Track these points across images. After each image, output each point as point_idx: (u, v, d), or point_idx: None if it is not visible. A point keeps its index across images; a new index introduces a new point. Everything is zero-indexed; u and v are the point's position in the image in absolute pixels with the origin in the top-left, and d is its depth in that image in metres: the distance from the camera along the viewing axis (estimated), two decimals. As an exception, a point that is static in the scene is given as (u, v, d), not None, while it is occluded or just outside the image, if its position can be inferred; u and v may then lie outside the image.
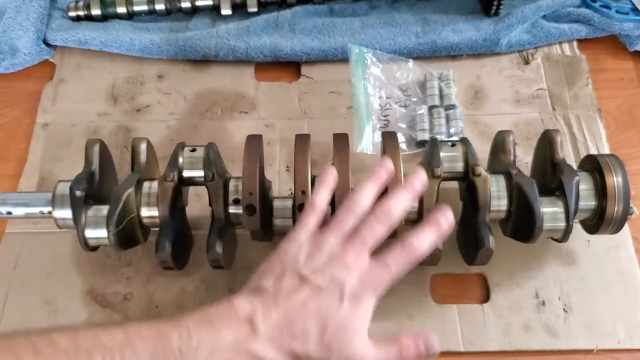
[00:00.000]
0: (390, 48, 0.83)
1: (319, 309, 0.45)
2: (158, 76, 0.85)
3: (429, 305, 0.66)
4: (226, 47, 0.83)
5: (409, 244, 0.49)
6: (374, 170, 0.52)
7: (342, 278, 0.46)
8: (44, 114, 0.81)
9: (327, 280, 0.46)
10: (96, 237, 0.60)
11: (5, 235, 0.71)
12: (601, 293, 0.66)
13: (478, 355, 0.63)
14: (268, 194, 0.64)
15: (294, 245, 0.49)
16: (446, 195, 0.70)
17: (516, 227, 0.61)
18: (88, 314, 0.66)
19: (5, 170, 0.77)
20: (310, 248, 0.49)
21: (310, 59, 0.84)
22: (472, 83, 0.83)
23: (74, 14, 0.88)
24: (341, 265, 0.47)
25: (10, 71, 0.85)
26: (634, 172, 0.73)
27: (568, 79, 0.82)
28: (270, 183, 0.66)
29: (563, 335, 0.64)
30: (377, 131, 0.77)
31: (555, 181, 0.61)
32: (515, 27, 0.84)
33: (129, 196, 0.60)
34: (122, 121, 0.81)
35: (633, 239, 0.69)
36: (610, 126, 0.79)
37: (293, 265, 0.47)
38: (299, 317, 0.45)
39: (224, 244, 0.61)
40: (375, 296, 0.48)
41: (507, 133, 0.64)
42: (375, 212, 0.50)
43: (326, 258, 0.48)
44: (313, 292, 0.46)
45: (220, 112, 0.81)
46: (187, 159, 0.63)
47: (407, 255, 0.49)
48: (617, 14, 0.83)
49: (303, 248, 0.49)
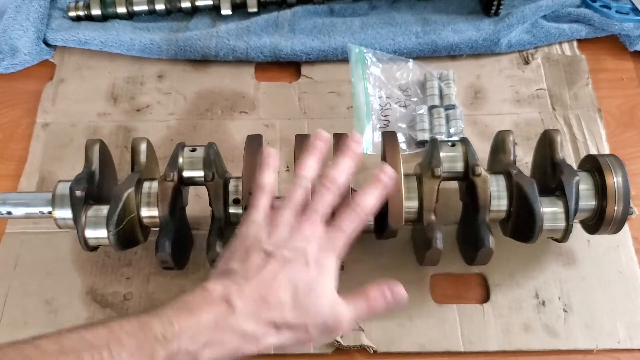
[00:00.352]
0: (390, 48, 0.83)
1: (288, 278, 0.48)
2: (158, 76, 0.85)
3: (429, 305, 0.66)
4: (226, 47, 0.83)
5: (356, 204, 0.52)
6: (312, 143, 0.55)
7: (304, 247, 0.50)
8: (44, 114, 0.81)
9: (291, 251, 0.49)
10: (96, 237, 0.60)
11: (5, 235, 0.71)
12: (601, 293, 0.66)
13: (478, 355, 0.63)
14: (268, 194, 0.64)
15: (253, 227, 0.51)
16: (446, 195, 0.70)
17: (516, 227, 0.61)
18: (88, 314, 0.66)
19: (5, 170, 0.77)
20: (269, 226, 0.51)
21: (310, 59, 0.84)
22: (472, 83, 0.83)
23: (74, 14, 0.88)
24: (300, 236, 0.50)
25: (10, 71, 0.85)
26: (634, 172, 0.73)
27: (568, 79, 0.82)
28: (270, 183, 0.66)
29: (563, 335, 0.64)
30: (377, 131, 0.77)
31: (555, 181, 0.61)
32: (515, 27, 0.84)
33: (129, 196, 0.60)
34: (122, 121, 0.81)
35: (633, 239, 0.69)
36: (610, 126, 0.79)
37: (256, 244, 0.50)
38: (272, 289, 0.48)
39: (224, 244, 0.61)
40: (335, 257, 0.51)
41: (507, 133, 0.64)
42: (322, 182, 0.53)
43: (286, 232, 0.51)
44: (280, 264, 0.49)
45: (220, 112, 0.81)
46: (187, 159, 0.63)
47: (357, 214, 0.52)
48: (617, 14, 0.83)
49: (262, 227, 0.51)
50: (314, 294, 0.48)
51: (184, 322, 0.44)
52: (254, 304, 0.47)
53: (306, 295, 0.48)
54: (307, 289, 0.48)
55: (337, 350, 0.63)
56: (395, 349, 0.63)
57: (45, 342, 0.40)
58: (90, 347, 0.41)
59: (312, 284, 0.49)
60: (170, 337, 0.43)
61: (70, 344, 0.41)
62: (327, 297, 0.49)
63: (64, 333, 0.42)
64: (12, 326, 0.65)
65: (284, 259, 0.49)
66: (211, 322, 0.45)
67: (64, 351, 0.40)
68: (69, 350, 0.40)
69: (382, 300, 0.51)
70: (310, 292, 0.48)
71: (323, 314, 0.49)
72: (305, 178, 0.53)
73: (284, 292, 0.48)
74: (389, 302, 0.51)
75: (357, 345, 0.63)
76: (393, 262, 0.68)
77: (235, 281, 0.48)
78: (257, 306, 0.47)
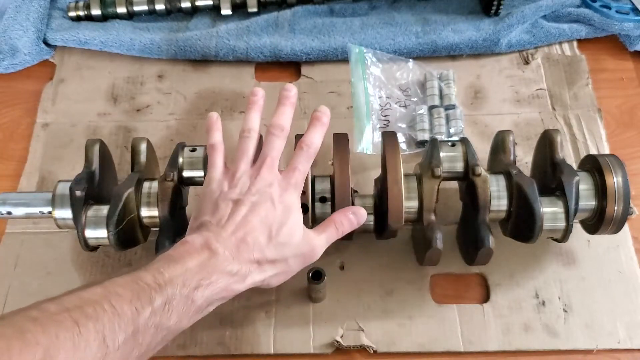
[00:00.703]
0: (390, 48, 0.83)
1: (260, 219, 0.52)
2: (158, 76, 0.85)
3: (429, 305, 0.66)
4: (226, 47, 0.83)
5: (304, 144, 0.58)
6: (250, 100, 0.61)
7: (267, 189, 0.54)
8: (44, 114, 0.81)
9: (255, 195, 0.54)
10: (96, 237, 0.60)
11: (5, 235, 0.71)
12: (601, 293, 0.66)
13: (478, 355, 0.63)
14: (268, 194, 0.64)
15: (214, 183, 0.56)
16: (446, 195, 0.70)
17: (516, 227, 0.61)
18: (88, 314, 0.66)
19: (5, 170, 0.77)
20: (229, 179, 0.56)
21: (310, 59, 0.84)
22: (472, 83, 0.83)
23: (74, 14, 0.88)
24: (261, 181, 0.55)
25: (10, 71, 0.85)
26: (634, 172, 0.73)
27: (568, 79, 0.82)
28: (270, 183, 0.66)
29: (563, 335, 0.63)
30: (377, 131, 0.77)
31: (555, 181, 0.61)
32: (515, 27, 0.84)
33: (129, 196, 0.60)
34: (122, 121, 0.81)
35: (633, 239, 0.69)
36: (610, 126, 0.79)
37: (222, 196, 0.54)
38: (247, 231, 0.52)
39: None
40: (297, 194, 0.56)
41: (507, 133, 0.64)
42: (269, 130, 0.58)
43: (246, 180, 0.55)
44: (249, 208, 0.53)
45: (220, 112, 0.81)
46: (187, 159, 0.63)
47: (306, 152, 0.58)
48: (617, 14, 0.83)
49: (223, 182, 0.56)
50: (286, 229, 0.53)
51: (173, 271, 0.47)
52: (233, 246, 0.50)
53: (279, 231, 0.53)
54: (279, 225, 0.53)
55: (337, 350, 0.63)
56: (395, 349, 0.63)
57: (47, 305, 0.42)
58: (91, 303, 0.43)
59: (283, 221, 0.53)
60: (163, 284, 0.46)
61: (71, 303, 0.42)
62: (298, 230, 0.54)
63: (62, 296, 0.43)
64: (12, 326, 0.65)
65: (251, 203, 0.53)
66: (197, 267, 0.48)
67: (67, 309, 0.41)
68: (72, 307, 0.42)
69: (348, 223, 0.58)
70: (282, 227, 0.53)
71: (298, 245, 0.54)
72: (251, 130, 0.59)
73: (259, 232, 0.52)
74: (353, 224, 0.58)
75: (357, 345, 0.63)
76: (393, 262, 0.68)
77: (211, 230, 0.52)
78: (237, 248, 0.51)
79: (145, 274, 0.46)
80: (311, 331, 0.64)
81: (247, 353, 0.63)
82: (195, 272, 0.48)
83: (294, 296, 0.66)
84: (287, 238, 0.53)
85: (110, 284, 0.45)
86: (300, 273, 0.57)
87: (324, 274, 0.60)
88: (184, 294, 0.46)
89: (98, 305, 0.42)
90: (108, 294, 0.44)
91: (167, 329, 0.46)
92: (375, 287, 0.67)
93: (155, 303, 0.45)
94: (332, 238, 0.57)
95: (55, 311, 0.41)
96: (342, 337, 0.63)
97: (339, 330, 0.64)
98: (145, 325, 0.44)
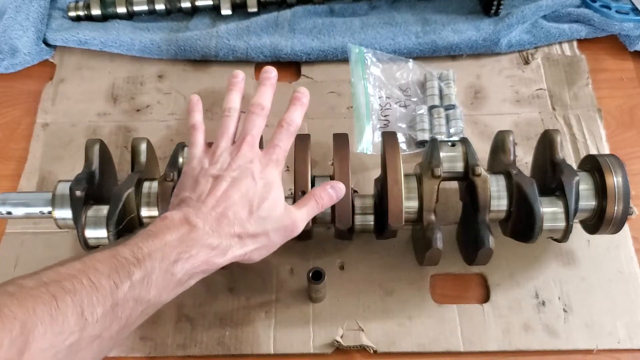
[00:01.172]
0: (390, 48, 0.83)
1: (241, 193, 0.52)
2: (158, 76, 0.85)
3: (429, 305, 0.66)
4: (226, 47, 0.83)
5: (285, 122, 0.58)
6: (230, 82, 0.61)
7: (247, 165, 0.54)
8: (44, 114, 0.81)
9: (236, 170, 0.54)
10: (96, 237, 0.60)
11: (5, 235, 0.71)
12: (601, 293, 0.66)
13: (478, 355, 0.63)
14: (268, 194, 0.64)
15: (195, 161, 0.56)
16: (446, 195, 0.70)
17: (516, 227, 0.61)
18: (88, 314, 0.66)
19: (5, 170, 0.77)
20: (209, 156, 0.56)
21: (310, 59, 0.84)
22: (472, 83, 0.83)
23: (74, 14, 0.88)
24: (241, 157, 0.55)
25: (10, 71, 0.85)
26: (634, 172, 0.73)
27: (568, 79, 0.82)
28: (270, 183, 0.66)
29: (563, 335, 0.64)
30: (377, 131, 0.77)
31: (555, 181, 0.61)
32: (515, 27, 0.84)
33: (129, 196, 0.60)
34: (122, 121, 0.81)
35: (633, 239, 0.69)
36: (610, 126, 0.79)
37: (203, 172, 0.54)
38: (227, 205, 0.52)
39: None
40: (278, 170, 0.56)
41: (507, 133, 0.64)
42: (249, 109, 0.59)
43: (227, 156, 0.55)
44: (230, 183, 0.53)
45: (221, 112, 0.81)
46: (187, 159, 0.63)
47: (287, 130, 0.58)
48: (617, 14, 0.83)
49: (203, 159, 0.56)
50: (267, 203, 0.53)
51: (151, 245, 0.47)
52: (213, 221, 0.50)
53: (260, 205, 0.53)
54: (260, 199, 0.53)
55: (337, 350, 0.63)
56: (395, 349, 0.63)
57: (24, 280, 0.42)
58: (69, 277, 0.43)
59: (264, 195, 0.53)
60: (141, 258, 0.46)
61: (48, 277, 0.42)
62: (279, 204, 0.54)
63: (40, 271, 0.44)
64: (12, 326, 0.65)
65: (231, 178, 0.53)
66: (177, 241, 0.48)
67: (44, 283, 0.42)
68: (49, 282, 0.42)
69: (327, 197, 0.58)
70: (263, 201, 0.53)
71: (279, 218, 0.54)
72: (231, 109, 0.59)
73: (240, 206, 0.52)
74: (333, 198, 0.58)
75: (357, 345, 0.63)
76: (393, 262, 0.68)
77: (191, 205, 0.52)
78: (217, 222, 0.50)
79: (123, 249, 0.46)
80: (311, 331, 0.64)
81: (247, 353, 0.63)
82: (174, 245, 0.48)
83: (294, 296, 0.66)
84: (268, 212, 0.53)
85: (89, 259, 0.45)
86: (300, 273, 0.57)
87: (324, 274, 0.60)
88: (163, 267, 0.46)
89: (76, 279, 0.42)
90: (86, 269, 0.44)
91: (147, 302, 0.46)
92: (375, 287, 0.67)
93: (134, 277, 0.45)
94: (312, 212, 0.57)
95: (32, 286, 0.41)
96: (342, 337, 0.63)
97: (339, 330, 0.64)
98: (125, 299, 0.44)
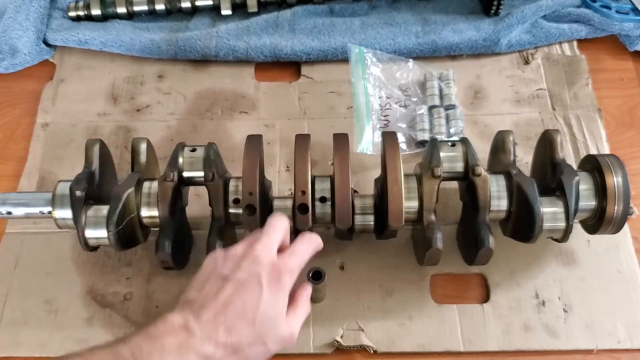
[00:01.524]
0: (390, 48, 0.83)
1: (244, 302, 0.51)
2: (158, 76, 0.85)
3: (429, 305, 0.66)
4: (226, 47, 0.83)
5: (308, 234, 0.57)
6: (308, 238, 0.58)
7: (257, 269, 0.52)
8: (44, 114, 0.81)
9: (245, 274, 0.52)
10: (96, 237, 0.60)
11: (5, 235, 0.71)
12: (601, 293, 0.66)
13: (478, 355, 0.63)
14: (268, 194, 0.64)
15: (210, 259, 0.55)
16: (446, 195, 0.70)
17: (516, 227, 0.61)
18: (88, 314, 0.66)
19: (5, 170, 0.77)
20: (224, 255, 0.55)
21: (310, 59, 0.84)
22: (472, 83, 0.83)
23: (74, 14, 0.88)
24: (253, 259, 0.53)
25: (10, 71, 0.85)
26: (634, 172, 0.73)
27: (568, 79, 0.82)
28: (270, 183, 0.66)
29: (563, 335, 0.64)
30: (377, 131, 0.77)
31: (555, 181, 0.61)
32: (515, 27, 0.84)
33: (129, 196, 0.60)
34: (122, 121, 0.81)
35: (633, 239, 0.69)
36: (610, 126, 0.79)
37: (214, 272, 0.53)
38: (228, 313, 0.50)
39: (224, 244, 0.61)
40: (292, 280, 0.54)
41: (507, 133, 0.64)
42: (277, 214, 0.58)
43: (239, 257, 0.54)
44: (235, 288, 0.51)
45: (220, 112, 0.81)
46: (187, 159, 0.63)
47: (308, 241, 0.57)
48: (617, 14, 0.83)
49: (218, 258, 0.55)
50: (269, 319, 0.52)
51: (151, 347, 0.48)
52: (212, 329, 0.50)
53: (261, 321, 0.51)
54: (263, 314, 0.51)
55: (337, 350, 0.63)
56: (395, 349, 0.63)
57: None
58: None
59: (267, 309, 0.52)
60: (140, 358, 0.46)
61: None
62: (281, 315, 0.53)
63: None
64: (12, 326, 0.65)
65: (238, 281, 0.52)
66: (175, 346, 0.48)
67: None
68: None
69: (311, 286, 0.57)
70: (266, 316, 0.51)
71: (278, 330, 0.52)
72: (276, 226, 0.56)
73: (241, 317, 0.51)
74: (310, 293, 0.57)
75: (357, 345, 0.63)
76: (393, 262, 0.68)
77: (193, 310, 0.51)
78: (216, 330, 0.50)
79: (124, 349, 0.47)
80: (311, 331, 0.64)
81: (247, 353, 0.63)
82: (172, 351, 0.48)
83: (294, 296, 0.66)
84: (269, 324, 0.52)
85: (90, 356, 0.46)
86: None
87: (324, 274, 0.60)
88: None
89: None
90: None
91: None
92: (375, 287, 0.67)
93: None
94: (304, 318, 0.56)
95: None
96: (342, 337, 0.63)
97: (339, 330, 0.64)
98: None
